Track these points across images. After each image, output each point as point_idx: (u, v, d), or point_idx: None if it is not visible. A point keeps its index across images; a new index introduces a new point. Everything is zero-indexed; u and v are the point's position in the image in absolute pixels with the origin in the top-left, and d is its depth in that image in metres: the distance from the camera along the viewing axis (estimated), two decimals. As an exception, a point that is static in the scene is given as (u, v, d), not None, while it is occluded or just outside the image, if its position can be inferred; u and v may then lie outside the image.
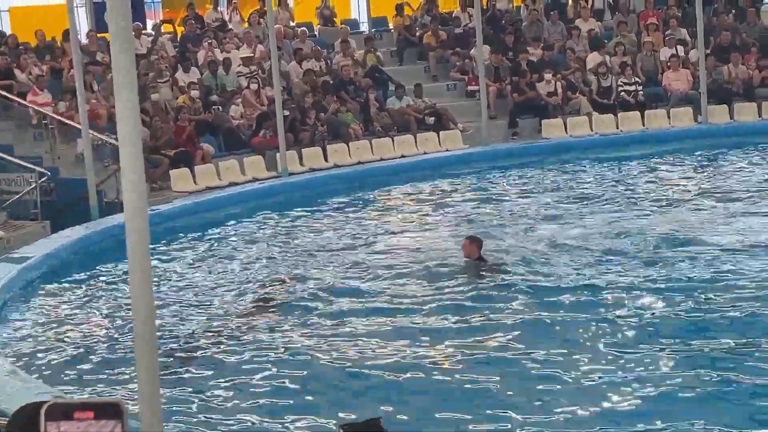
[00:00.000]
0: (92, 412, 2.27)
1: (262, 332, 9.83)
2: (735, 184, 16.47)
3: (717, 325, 9.10)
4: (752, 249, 11.66)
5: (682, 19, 25.54)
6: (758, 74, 23.66)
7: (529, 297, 10.24)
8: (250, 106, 21.52)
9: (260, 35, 24.26)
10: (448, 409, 7.64)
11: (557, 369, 8.19)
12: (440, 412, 7.62)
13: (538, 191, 17.22)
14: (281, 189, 18.72)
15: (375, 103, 22.72)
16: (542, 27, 26.10)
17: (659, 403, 7.45)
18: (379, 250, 13.23)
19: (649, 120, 23.10)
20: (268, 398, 8.14)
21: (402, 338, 9.30)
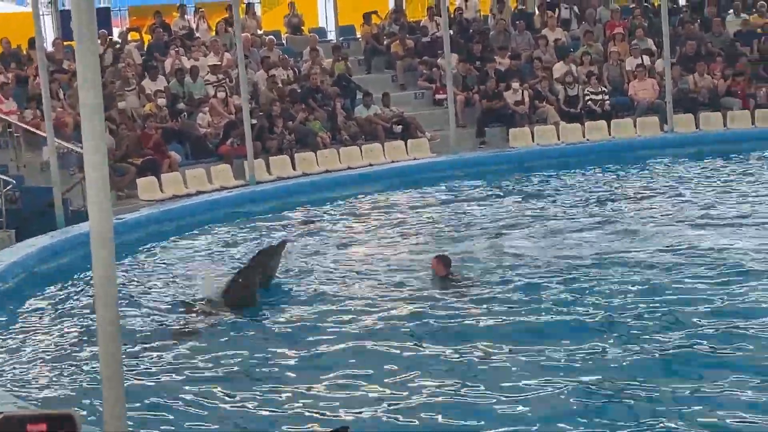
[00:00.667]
0: (45, 424, 2.25)
1: (222, 341, 9.78)
2: (701, 193, 16.57)
3: (683, 327, 9.14)
4: (715, 254, 11.73)
5: (648, 29, 25.71)
6: (723, 83, 23.84)
7: (498, 310, 10.22)
8: (218, 115, 21.47)
9: (227, 43, 24.24)
10: (411, 417, 7.63)
11: (526, 380, 8.19)
12: (404, 422, 7.61)
13: (506, 200, 17.24)
14: (249, 197, 18.67)
15: (342, 112, 22.73)
16: (509, 36, 26.20)
17: (638, 415, 7.47)
18: (346, 259, 13.21)
19: (616, 129, 23.23)
20: (237, 406, 8.11)
21: (364, 346, 9.27)
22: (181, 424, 7.78)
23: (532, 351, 8.88)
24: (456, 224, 15.20)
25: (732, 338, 8.86)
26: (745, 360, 8.32)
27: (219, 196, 18.66)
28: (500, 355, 8.88)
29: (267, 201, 18.35)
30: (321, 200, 18.30)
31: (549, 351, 8.83)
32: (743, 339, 8.82)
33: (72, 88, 19.71)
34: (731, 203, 15.32)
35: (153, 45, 24.71)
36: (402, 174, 20.69)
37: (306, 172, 20.84)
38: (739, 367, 8.16)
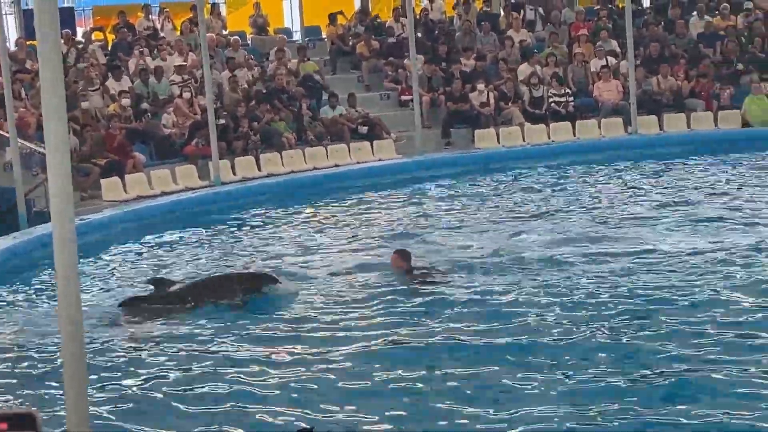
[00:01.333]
0: (6, 423, 2.23)
1: (184, 344, 9.75)
2: (663, 193, 16.67)
3: (645, 327, 9.20)
4: (677, 256, 11.80)
5: (613, 31, 25.84)
6: (687, 85, 24.01)
7: (460, 306, 10.26)
8: (183, 115, 21.39)
9: (192, 44, 24.15)
10: (374, 414, 7.63)
11: (488, 372, 8.22)
12: (366, 418, 7.61)
13: (471, 201, 17.28)
14: (214, 198, 18.62)
15: (308, 112, 22.70)
16: (475, 38, 26.26)
17: (586, 407, 7.51)
18: (311, 259, 13.18)
19: (580, 130, 23.33)
20: (201, 407, 8.08)
21: (331, 346, 9.26)
22: (144, 425, 7.73)
23: (496, 342, 8.94)
24: (420, 225, 15.20)
25: (696, 336, 8.92)
26: (715, 358, 8.37)
27: (183, 197, 18.59)
28: (465, 348, 8.91)
29: (232, 201, 18.30)
30: (285, 201, 18.26)
31: (512, 342, 8.91)
32: (704, 336, 8.88)
33: (35, 88, 19.58)
34: (690, 204, 15.41)
35: (117, 45, 24.60)
36: (367, 175, 20.70)
37: (271, 173, 20.81)
38: (708, 363, 8.23)
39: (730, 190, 16.59)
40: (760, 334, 8.84)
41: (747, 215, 14.12)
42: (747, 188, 16.62)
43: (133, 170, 19.44)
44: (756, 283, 10.47)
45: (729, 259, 11.45)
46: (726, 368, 8.04)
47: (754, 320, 9.28)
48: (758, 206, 14.83)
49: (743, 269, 10.98)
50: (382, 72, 25.47)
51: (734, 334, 8.90)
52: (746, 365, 8.09)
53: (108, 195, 18.64)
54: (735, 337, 8.84)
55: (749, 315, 9.45)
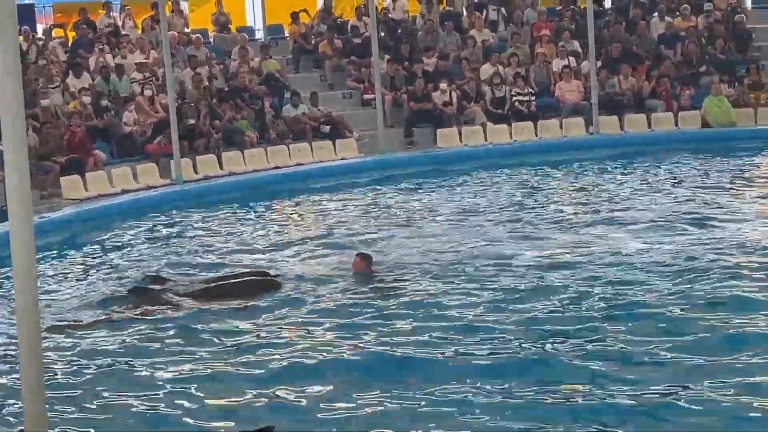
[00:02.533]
0: None
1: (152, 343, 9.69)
2: (622, 194, 16.75)
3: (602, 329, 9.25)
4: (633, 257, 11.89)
5: (575, 31, 25.95)
6: (647, 86, 24.15)
7: (421, 307, 10.26)
8: (144, 113, 21.26)
9: (154, 41, 24.03)
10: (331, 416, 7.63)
11: (448, 380, 8.23)
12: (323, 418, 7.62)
13: (433, 200, 17.30)
14: (175, 197, 18.54)
15: (271, 111, 22.64)
16: (437, 37, 26.30)
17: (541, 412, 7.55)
18: (273, 258, 13.14)
19: (542, 130, 23.43)
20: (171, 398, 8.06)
21: (291, 347, 9.24)
22: (101, 426, 7.70)
23: (455, 344, 8.96)
24: (382, 224, 15.19)
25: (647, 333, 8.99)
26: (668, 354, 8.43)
27: (144, 195, 18.51)
28: (427, 347, 8.92)
29: (193, 200, 18.23)
30: (247, 199, 18.22)
31: (471, 343, 8.94)
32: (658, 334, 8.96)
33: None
34: (646, 204, 15.51)
35: (78, 42, 24.42)
36: (329, 174, 20.71)
37: (233, 172, 20.75)
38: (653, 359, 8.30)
39: (687, 190, 16.68)
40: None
41: (703, 215, 14.21)
42: (703, 189, 16.74)
43: (93, 168, 19.31)
44: (715, 282, 10.57)
45: (689, 259, 11.52)
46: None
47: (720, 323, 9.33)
48: (715, 207, 14.94)
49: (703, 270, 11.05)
50: (345, 71, 25.45)
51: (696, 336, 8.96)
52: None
53: (68, 193, 18.50)
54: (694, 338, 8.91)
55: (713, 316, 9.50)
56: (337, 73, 25.50)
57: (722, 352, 8.38)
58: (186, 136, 20.50)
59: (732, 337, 8.80)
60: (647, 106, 23.98)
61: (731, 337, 8.80)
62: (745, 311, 9.47)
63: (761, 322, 9.15)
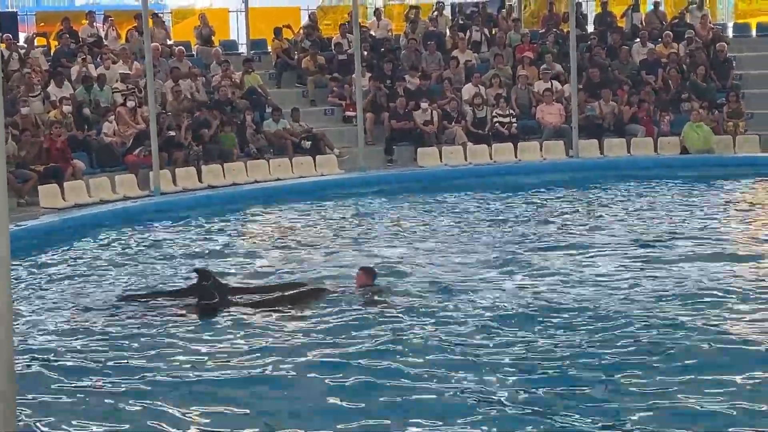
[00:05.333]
0: None
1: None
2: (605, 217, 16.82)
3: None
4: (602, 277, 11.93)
5: (557, 55, 26.07)
6: (628, 111, 24.26)
7: (420, 321, 10.23)
8: (124, 123, 21.23)
9: (137, 52, 24.01)
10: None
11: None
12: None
13: (413, 218, 17.30)
14: (152, 208, 18.49)
15: (252, 125, 22.64)
16: (420, 56, 26.37)
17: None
18: (250, 272, 13.10)
19: (522, 152, 23.49)
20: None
21: (289, 359, 9.20)
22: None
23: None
24: (361, 240, 15.19)
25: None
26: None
27: (122, 206, 18.46)
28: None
29: (170, 212, 18.19)
30: (225, 213, 18.19)
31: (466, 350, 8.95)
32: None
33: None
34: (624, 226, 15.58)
35: (60, 51, 24.39)
36: (309, 189, 20.71)
37: (212, 185, 20.72)
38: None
39: (664, 214, 16.76)
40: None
41: (680, 240, 14.26)
42: (679, 212, 16.85)
43: (71, 177, 19.25)
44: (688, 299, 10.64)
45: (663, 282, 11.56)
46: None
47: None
48: (691, 230, 15.01)
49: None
50: (327, 87, 25.48)
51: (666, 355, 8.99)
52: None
53: (45, 201, 18.43)
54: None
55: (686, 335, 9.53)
56: (319, 89, 25.54)
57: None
58: (166, 147, 20.48)
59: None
60: (627, 130, 24.08)
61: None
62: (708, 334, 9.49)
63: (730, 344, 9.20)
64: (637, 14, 28.60)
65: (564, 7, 28.78)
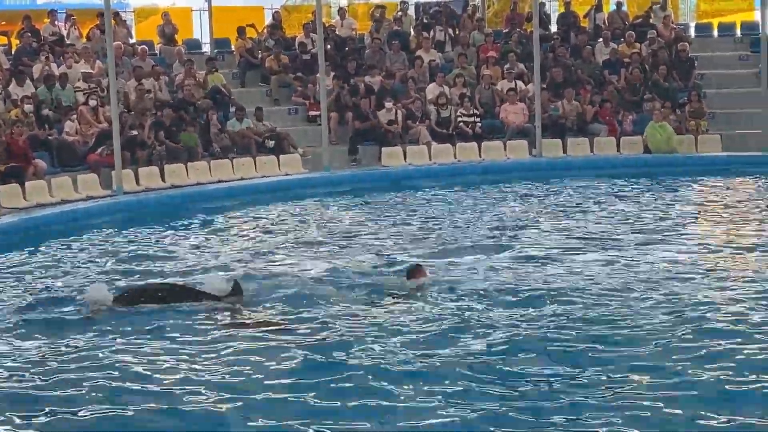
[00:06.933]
0: None
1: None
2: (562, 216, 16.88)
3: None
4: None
5: (521, 54, 26.15)
6: (591, 110, 24.38)
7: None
8: (86, 123, 21.10)
9: (99, 51, 23.87)
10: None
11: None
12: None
13: (377, 218, 17.31)
14: (115, 208, 18.39)
15: (217, 124, 22.56)
16: (384, 56, 26.37)
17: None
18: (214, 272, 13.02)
19: (486, 151, 23.56)
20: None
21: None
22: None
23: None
24: (326, 240, 15.16)
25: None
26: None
27: (84, 206, 18.34)
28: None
29: (133, 211, 18.09)
30: (189, 212, 18.11)
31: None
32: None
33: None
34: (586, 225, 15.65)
35: (21, 50, 24.21)
36: (273, 189, 20.70)
37: (175, 184, 20.63)
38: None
39: (621, 213, 16.85)
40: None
41: (639, 238, 14.34)
42: (640, 211, 16.95)
43: (33, 177, 19.10)
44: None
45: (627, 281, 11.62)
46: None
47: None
48: (651, 229, 15.09)
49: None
50: (291, 87, 25.44)
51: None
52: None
53: (6, 202, 18.27)
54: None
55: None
56: (283, 88, 25.50)
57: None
58: (128, 147, 20.37)
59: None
60: (590, 130, 24.20)
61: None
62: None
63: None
64: (600, 14, 28.72)
65: (527, 6, 28.93)
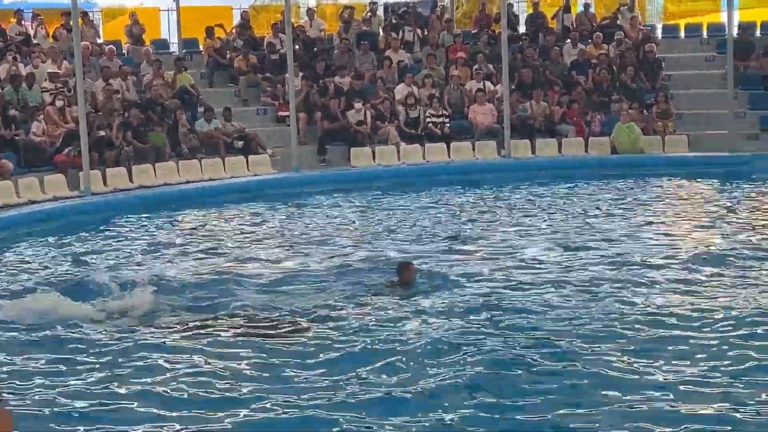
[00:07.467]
0: None
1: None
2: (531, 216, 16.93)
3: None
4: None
5: (489, 55, 26.21)
6: (559, 111, 24.47)
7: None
8: (53, 123, 20.97)
9: (66, 51, 23.73)
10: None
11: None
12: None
13: (347, 218, 17.31)
14: (82, 209, 18.29)
15: (186, 124, 22.48)
16: (353, 56, 26.37)
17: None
18: (184, 271, 12.98)
19: (455, 152, 23.60)
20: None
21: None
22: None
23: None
24: (296, 241, 15.15)
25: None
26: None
27: (51, 207, 18.24)
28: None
29: (101, 212, 18.01)
30: (157, 213, 18.04)
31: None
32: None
33: None
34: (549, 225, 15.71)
35: (-13, 50, 24.02)
36: (242, 189, 20.66)
37: (143, 185, 20.55)
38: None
39: (586, 213, 16.93)
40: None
41: (605, 238, 14.41)
42: (607, 211, 17.04)
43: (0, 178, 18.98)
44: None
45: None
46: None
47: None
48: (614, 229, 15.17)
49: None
50: (260, 87, 25.38)
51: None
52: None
53: (-27, 202, 18.17)
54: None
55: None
56: (252, 89, 25.44)
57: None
58: (96, 147, 20.27)
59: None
60: (558, 130, 24.29)
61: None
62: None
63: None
64: (568, 15, 28.82)
65: (496, 7, 28.97)
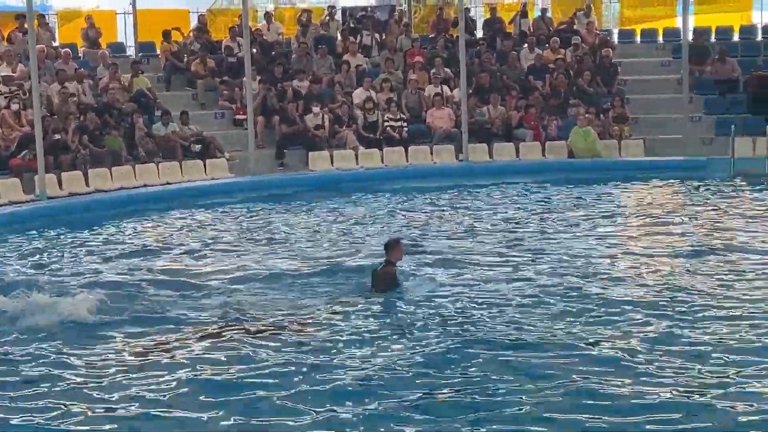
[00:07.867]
0: None
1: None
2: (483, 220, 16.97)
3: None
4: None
5: (447, 59, 26.28)
6: (516, 115, 24.58)
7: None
8: (8, 127, 20.78)
9: (21, 54, 23.51)
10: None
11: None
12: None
13: (304, 222, 17.28)
14: (38, 213, 18.14)
15: (143, 128, 22.34)
16: (311, 60, 26.33)
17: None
18: (141, 278, 12.90)
19: (413, 156, 23.65)
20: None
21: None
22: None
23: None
24: (253, 245, 15.12)
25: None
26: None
27: (6, 211, 18.06)
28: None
29: (57, 217, 17.85)
30: (113, 217, 17.92)
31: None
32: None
33: None
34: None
35: (-59, 52, 23.74)
36: (199, 193, 20.57)
37: (99, 189, 20.40)
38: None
39: (542, 217, 17.01)
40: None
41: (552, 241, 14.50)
42: (565, 215, 17.13)
43: (-47, 182, 18.80)
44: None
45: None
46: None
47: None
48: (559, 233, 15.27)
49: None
50: (217, 91, 25.29)
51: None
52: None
53: (-74, 207, 17.96)
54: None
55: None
56: (210, 92, 25.34)
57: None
58: (52, 151, 20.10)
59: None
60: (516, 135, 24.39)
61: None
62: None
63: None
64: (525, 20, 28.95)
65: (453, 12, 29.05)
